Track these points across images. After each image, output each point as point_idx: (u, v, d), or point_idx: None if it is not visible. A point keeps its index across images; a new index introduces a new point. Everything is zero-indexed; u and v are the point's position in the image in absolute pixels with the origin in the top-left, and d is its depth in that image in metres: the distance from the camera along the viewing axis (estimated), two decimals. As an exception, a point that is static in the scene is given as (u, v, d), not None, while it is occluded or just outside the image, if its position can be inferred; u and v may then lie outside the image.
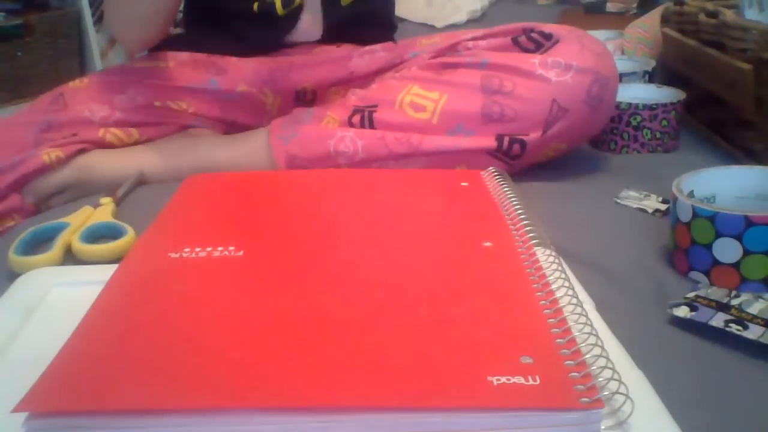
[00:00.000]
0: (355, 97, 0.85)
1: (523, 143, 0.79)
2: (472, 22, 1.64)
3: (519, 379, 0.40)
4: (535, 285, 0.50)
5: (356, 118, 0.83)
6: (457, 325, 0.46)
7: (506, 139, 0.78)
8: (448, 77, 0.81)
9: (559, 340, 0.43)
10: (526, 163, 0.80)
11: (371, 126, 0.82)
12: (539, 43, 0.81)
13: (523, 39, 0.82)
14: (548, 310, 0.47)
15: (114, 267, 0.55)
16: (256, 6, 0.94)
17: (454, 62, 0.83)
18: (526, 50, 0.82)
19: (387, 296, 0.50)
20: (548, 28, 0.82)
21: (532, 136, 0.79)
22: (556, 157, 0.82)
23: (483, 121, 0.78)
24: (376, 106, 0.83)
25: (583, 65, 0.78)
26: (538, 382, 0.39)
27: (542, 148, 0.80)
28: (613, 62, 0.81)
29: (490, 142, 0.79)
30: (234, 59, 0.97)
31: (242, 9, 0.95)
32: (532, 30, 0.83)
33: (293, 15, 0.96)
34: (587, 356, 0.42)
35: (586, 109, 0.79)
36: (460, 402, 0.39)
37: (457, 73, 0.81)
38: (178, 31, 1.15)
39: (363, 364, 0.42)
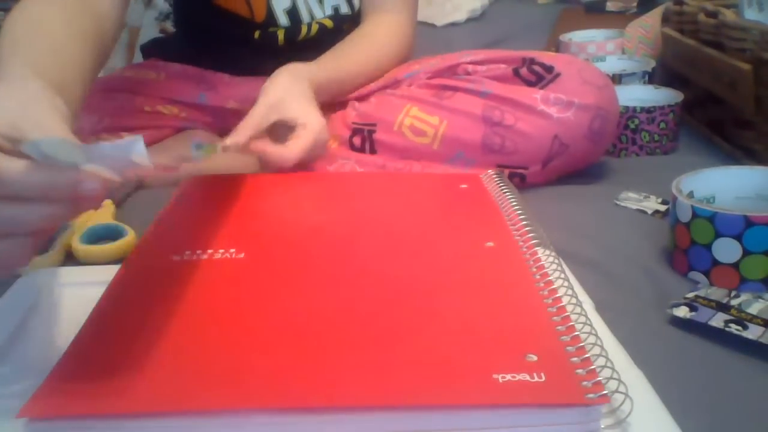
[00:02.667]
0: (355, 113, 0.84)
1: (522, 177, 0.79)
2: (471, 21, 1.63)
3: (524, 377, 0.40)
4: (538, 284, 0.51)
5: (357, 139, 0.82)
6: (461, 324, 0.46)
7: (506, 172, 0.77)
8: (448, 102, 0.80)
9: (563, 338, 0.44)
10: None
11: (372, 148, 0.81)
12: (540, 76, 0.80)
13: (524, 71, 0.81)
14: (551, 308, 0.47)
15: (114, 268, 0.55)
16: (257, 34, 0.94)
17: (453, 85, 0.82)
18: (527, 82, 0.81)
19: (390, 296, 0.50)
20: (548, 59, 0.81)
21: (532, 170, 0.79)
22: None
23: (483, 151, 0.78)
24: (374, 125, 0.82)
25: (584, 102, 0.77)
26: (544, 379, 0.40)
27: (542, 180, 0.80)
28: (615, 93, 0.81)
29: None
30: (226, 77, 0.97)
31: (243, 35, 0.94)
32: (532, 61, 0.81)
33: (294, 46, 0.95)
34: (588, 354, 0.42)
35: (588, 144, 0.78)
36: (466, 400, 0.39)
37: (458, 98, 0.80)
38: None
39: (369, 364, 0.42)
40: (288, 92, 0.76)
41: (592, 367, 0.41)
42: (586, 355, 0.42)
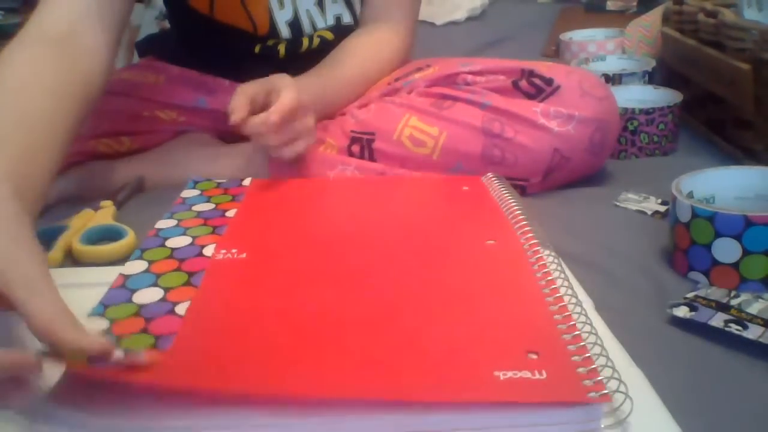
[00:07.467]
0: (353, 120, 0.83)
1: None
2: (471, 19, 1.64)
3: (525, 374, 0.40)
4: (539, 282, 0.51)
5: (356, 148, 0.81)
6: (463, 321, 0.46)
7: None
8: (448, 113, 0.79)
9: (564, 336, 0.44)
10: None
11: (371, 156, 0.80)
12: (540, 89, 0.80)
13: (523, 83, 0.80)
14: (553, 307, 0.47)
15: (114, 269, 0.55)
16: (258, 48, 0.93)
17: (453, 95, 0.81)
18: (527, 94, 0.80)
19: (392, 294, 0.51)
20: (548, 71, 0.80)
21: (532, 181, 0.78)
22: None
23: (483, 163, 0.77)
24: (373, 134, 0.80)
25: (585, 115, 0.77)
26: (545, 376, 0.40)
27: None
28: (615, 104, 0.80)
29: None
30: (226, 82, 0.96)
31: (243, 48, 0.94)
32: (531, 73, 0.80)
33: (295, 58, 0.94)
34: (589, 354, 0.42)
35: (589, 156, 0.78)
36: (468, 396, 0.39)
37: (457, 109, 0.79)
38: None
39: (372, 361, 0.42)
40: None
41: (594, 366, 0.41)
42: (587, 354, 0.42)
